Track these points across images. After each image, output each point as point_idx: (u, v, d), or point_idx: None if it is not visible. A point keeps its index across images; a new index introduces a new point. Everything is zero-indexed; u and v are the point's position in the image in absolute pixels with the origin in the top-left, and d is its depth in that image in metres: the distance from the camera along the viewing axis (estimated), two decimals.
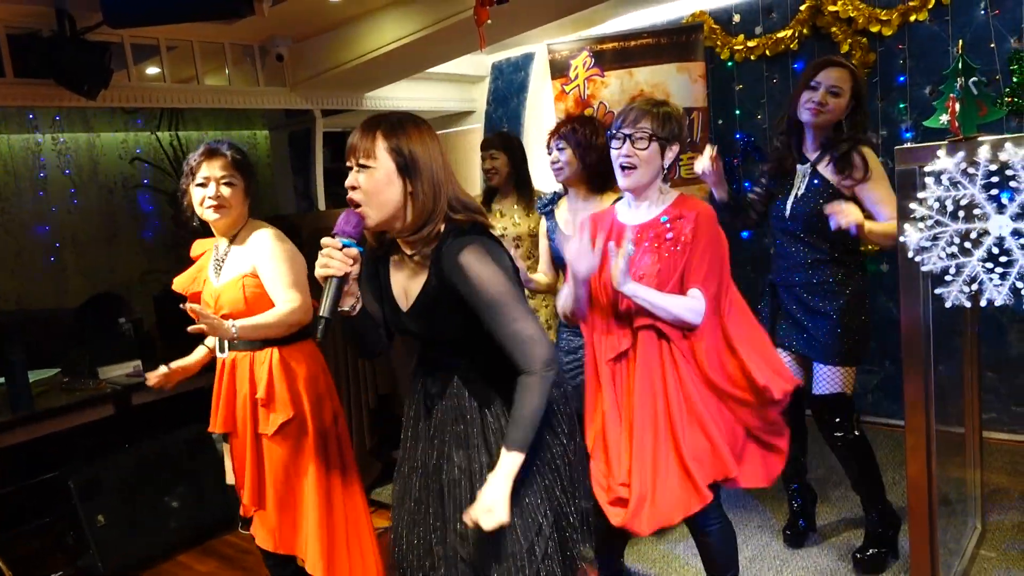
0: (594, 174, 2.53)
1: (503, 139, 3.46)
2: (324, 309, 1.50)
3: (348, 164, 1.60)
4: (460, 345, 1.69)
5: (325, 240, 1.53)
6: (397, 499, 1.85)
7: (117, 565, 3.12)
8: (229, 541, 3.43)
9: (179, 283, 2.52)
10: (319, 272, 1.53)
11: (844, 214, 2.30)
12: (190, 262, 2.53)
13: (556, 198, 2.85)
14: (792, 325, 2.63)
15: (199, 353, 2.52)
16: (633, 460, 2.03)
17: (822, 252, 2.55)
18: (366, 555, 2.50)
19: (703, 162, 2.55)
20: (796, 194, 2.54)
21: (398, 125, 1.58)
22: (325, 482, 2.39)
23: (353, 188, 1.57)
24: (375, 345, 1.78)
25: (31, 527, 3.46)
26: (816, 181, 2.52)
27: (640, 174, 2.06)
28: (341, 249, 1.52)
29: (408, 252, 1.68)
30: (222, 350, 2.40)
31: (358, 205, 1.57)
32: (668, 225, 2.07)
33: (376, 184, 1.55)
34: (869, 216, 2.47)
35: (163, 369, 2.41)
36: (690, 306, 2.01)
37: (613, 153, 2.11)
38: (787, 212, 2.56)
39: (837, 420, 2.58)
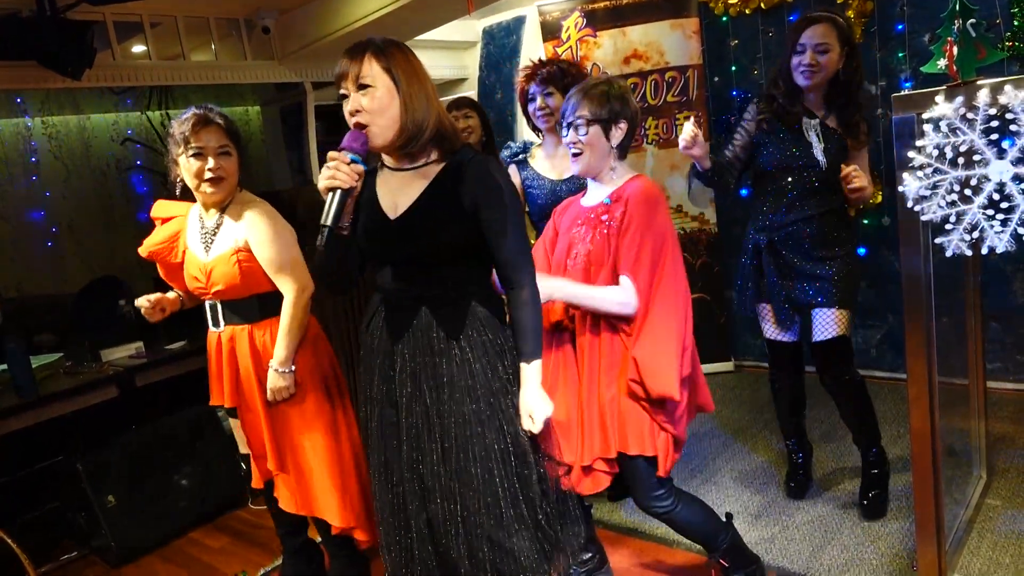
0: None
1: (473, 102, 3.42)
2: (327, 218, 1.57)
3: (343, 92, 1.64)
4: (434, 267, 1.73)
5: (332, 153, 1.59)
6: (374, 441, 1.86)
7: (130, 545, 3.15)
8: (239, 516, 3.46)
9: (149, 248, 2.41)
10: (324, 183, 1.58)
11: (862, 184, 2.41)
12: None
13: (527, 147, 2.80)
14: (796, 277, 2.63)
15: (173, 293, 2.49)
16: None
17: (833, 202, 2.60)
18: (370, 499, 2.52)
19: (685, 137, 2.39)
20: (823, 148, 2.55)
21: (384, 47, 1.65)
22: (334, 435, 2.39)
23: (356, 112, 1.62)
24: (350, 275, 1.83)
25: (42, 512, 3.48)
26: (835, 136, 2.57)
27: (587, 158, 2.10)
28: (348, 164, 1.59)
29: (401, 165, 1.75)
30: (216, 324, 2.37)
31: (363, 127, 1.63)
32: (608, 206, 2.10)
33: (380, 102, 1.62)
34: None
35: (145, 303, 2.36)
36: (618, 299, 2.02)
37: (564, 141, 2.15)
38: (822, 165, 2.55)
39: (842, 363, 2.63)
